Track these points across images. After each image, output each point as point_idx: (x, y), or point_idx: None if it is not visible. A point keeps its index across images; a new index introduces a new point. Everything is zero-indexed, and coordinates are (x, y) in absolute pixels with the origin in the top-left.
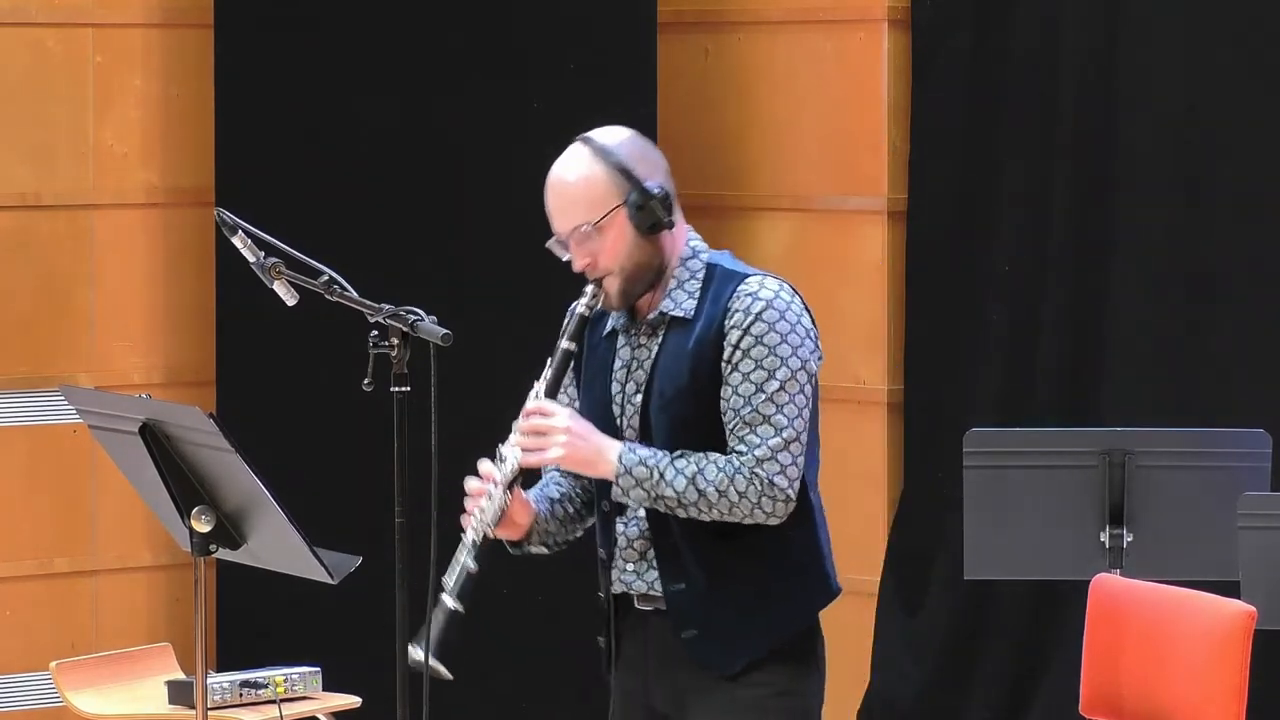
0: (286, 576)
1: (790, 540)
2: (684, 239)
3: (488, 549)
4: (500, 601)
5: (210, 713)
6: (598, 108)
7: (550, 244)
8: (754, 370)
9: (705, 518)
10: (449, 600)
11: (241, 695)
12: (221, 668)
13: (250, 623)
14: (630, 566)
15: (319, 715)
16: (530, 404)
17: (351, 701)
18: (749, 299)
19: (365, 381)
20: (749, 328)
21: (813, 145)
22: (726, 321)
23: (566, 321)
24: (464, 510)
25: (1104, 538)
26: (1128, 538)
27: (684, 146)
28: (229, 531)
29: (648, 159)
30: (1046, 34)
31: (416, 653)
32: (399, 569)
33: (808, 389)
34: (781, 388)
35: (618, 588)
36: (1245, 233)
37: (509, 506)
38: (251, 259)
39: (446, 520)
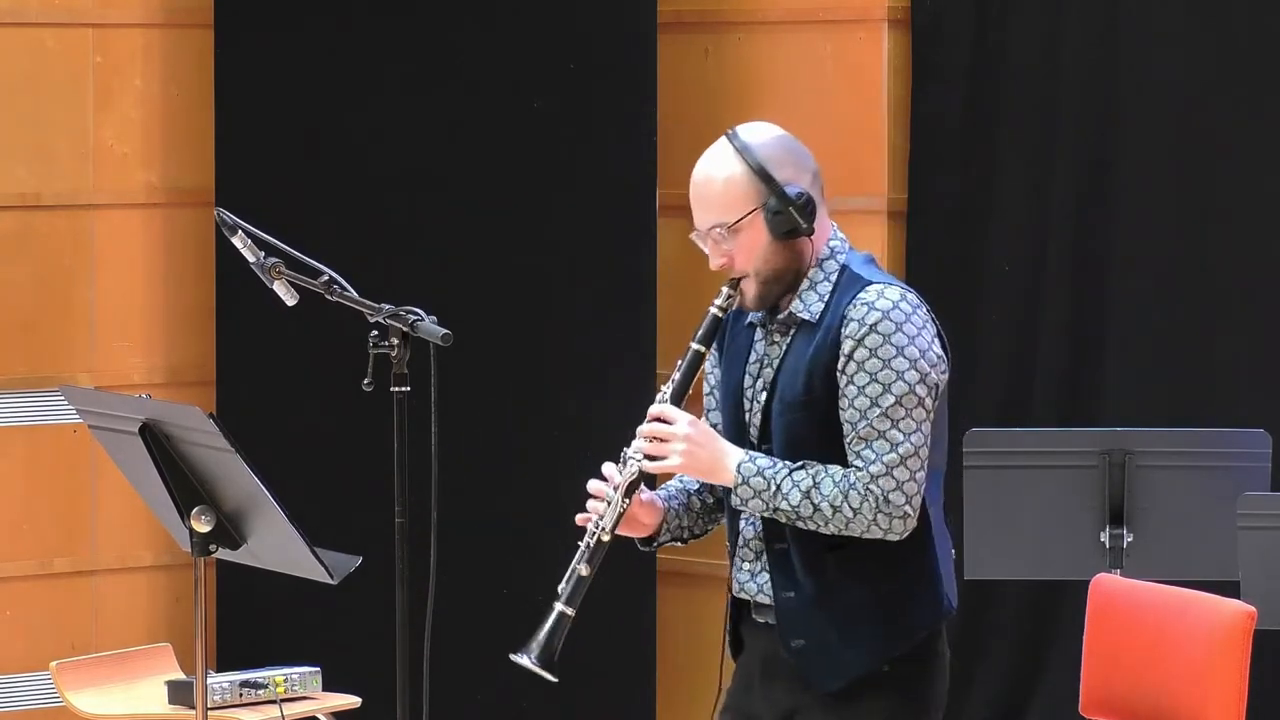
0: (286, 576)
1: (902, 556)
2: (825, 239)
3: (602, 552)
4: (500, 601)
5: (210, 713)
6: (598, 108)
7: (692, 236)
8: (869, 384)
9: (824, 530)
10: (561, 605)
11: (241, 695)
12: (221, 668)
13: (250, 623)
14: (746, 566)
15: (319, 715)
16: (654, 409)
17: (351, 701)
18: (865, 309)
19: (365, 381)
20: (863, 339)
21: (813, 145)
22: (842, 330)
23: (701, 322)
24: (584, 510)
25: (1104, 538)
26: (1128, 538)
27: (684, 146)
28: (229, 531)
29: (794, 161)
30: (1046, 34)
31: (520, 659)
32: (399, 569)
33: (927, 402)
34: (897, 402)
35: (735, 588)
36: (1245, 233)
37: (629, 509)
38: (251, 259)
39: (446, 520)
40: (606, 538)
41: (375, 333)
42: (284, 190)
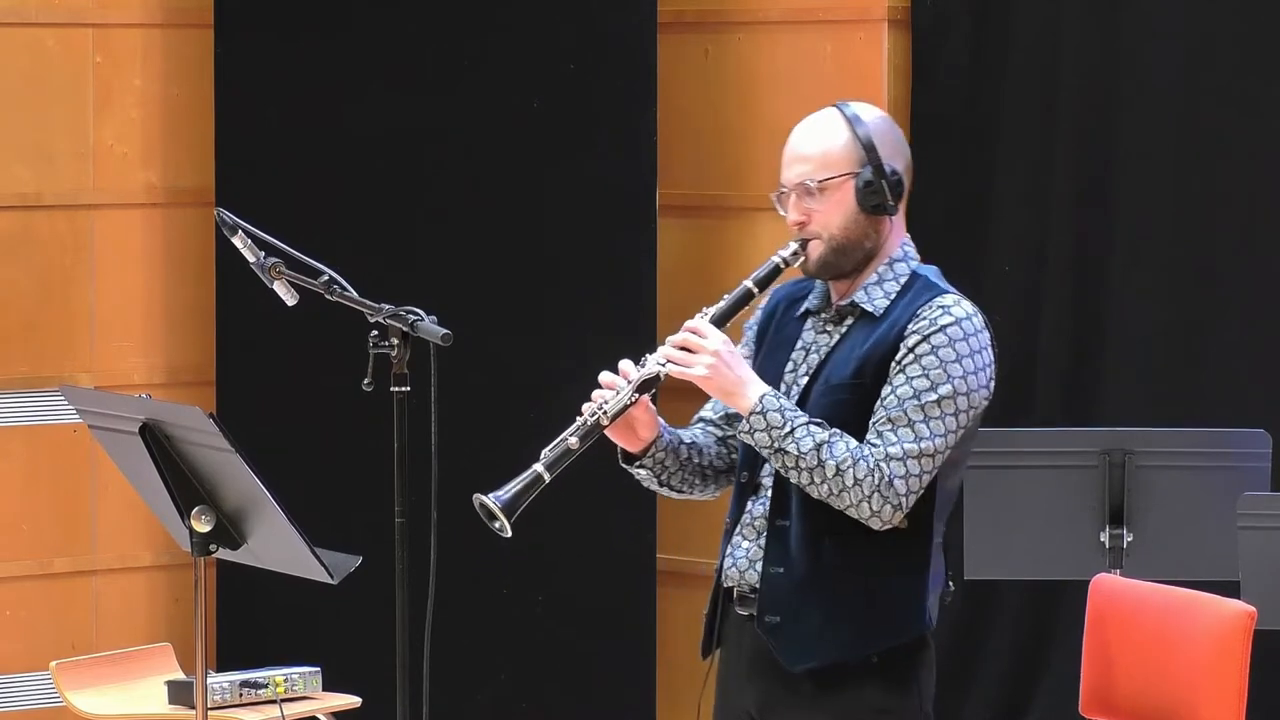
0: (286, 576)
1: (900, 561)
2: (900, 240)
3: (595, 433)
4: (500, 601)
5: (210, 713)
6: (598, 108)
7: (772, 195)
8: (919, 377)
9: (813, 491)
10: (539, 466)
11: (241, 695)
12: (221, 668)
13: (250, 623)
14: (745, 544)
15: (319, 715)
16: (691, 322)
17: (351, 701)
18: (940, 311)
19: (365, 381)
20: (929, 336)
21: None
22: (909, 326)
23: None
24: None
25: (1104, 538)
26: (1128, 538)
27: (684, 146)
28: (229, 531)
29: (894, 144)
30: (1046, 34)
31: (486, 499)
32: (399, 569)
33: (963, 418)
34: (938, 402)
35: (728, 565)
36: (1245, 232)
37: (633, 407)
38: (251, 259)
39: (446, 520)
40: (606, 421)
41: (375, 333)
42: (284, 190)
